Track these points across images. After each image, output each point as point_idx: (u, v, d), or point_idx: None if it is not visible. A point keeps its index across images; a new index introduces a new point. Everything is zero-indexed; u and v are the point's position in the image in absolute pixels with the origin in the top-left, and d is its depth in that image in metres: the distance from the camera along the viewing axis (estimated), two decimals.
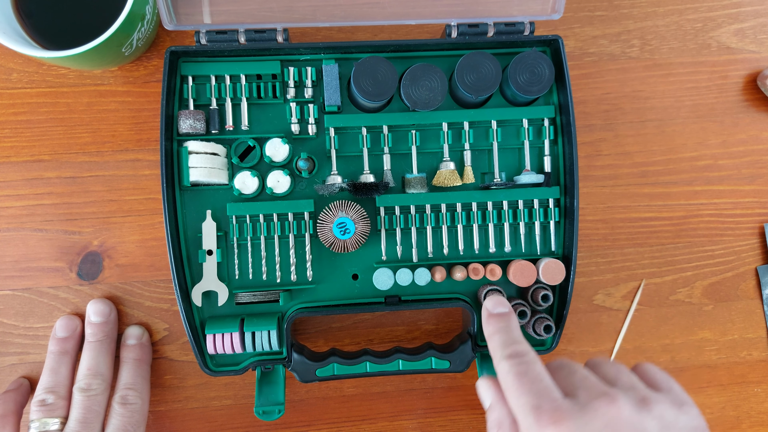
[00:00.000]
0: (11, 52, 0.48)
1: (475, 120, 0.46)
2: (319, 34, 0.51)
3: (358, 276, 0.47)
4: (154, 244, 0.49)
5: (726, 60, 0.53)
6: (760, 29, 0.53)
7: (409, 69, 0.44)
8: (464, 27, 0.45)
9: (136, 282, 0.49)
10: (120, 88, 0.49)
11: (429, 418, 0.51)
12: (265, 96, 0.46)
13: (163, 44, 0.50)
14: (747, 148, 0.53)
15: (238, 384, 0.50)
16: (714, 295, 0.53)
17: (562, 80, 0.46)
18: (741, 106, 0.53)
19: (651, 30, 0.53)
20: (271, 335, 0.44)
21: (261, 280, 0.46)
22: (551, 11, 0.44)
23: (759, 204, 0.53)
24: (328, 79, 0.45)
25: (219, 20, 0.43)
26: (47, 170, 0.49)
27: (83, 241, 0.49)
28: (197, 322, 0.45)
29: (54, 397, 0.43)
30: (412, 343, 0.51)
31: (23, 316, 0.49)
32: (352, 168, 0.47)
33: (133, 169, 0.49)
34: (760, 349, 0.53)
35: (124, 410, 0.43)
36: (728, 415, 0.53)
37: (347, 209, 0.44)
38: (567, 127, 0.46)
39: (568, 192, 0.46)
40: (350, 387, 0.51)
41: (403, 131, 0.47)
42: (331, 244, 0.44)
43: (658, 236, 0.52)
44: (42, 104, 0.49)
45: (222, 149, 0.45)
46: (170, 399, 0.50)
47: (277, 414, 0.45)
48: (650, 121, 0.53)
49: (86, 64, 0.45)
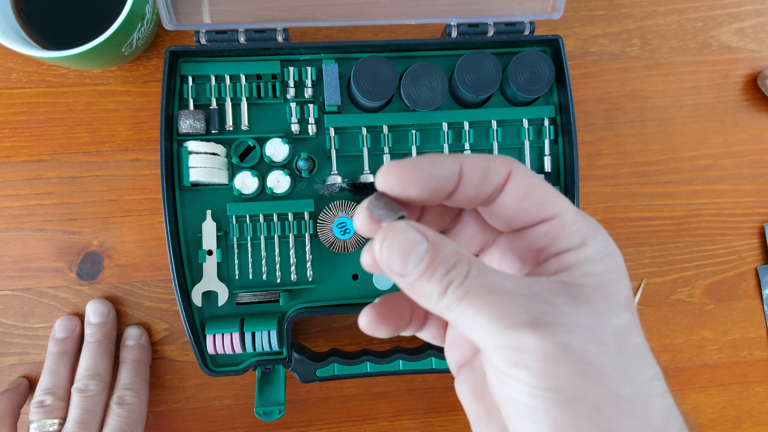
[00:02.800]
0: (11, 52, 0.48)
1: (475, 120, 0.46)
2: (319, 33, 0.51)
3: (358, 276, 0.47)
4: (154, 244, 0.49)
5: (726, 59, 0.53)
6: (760, 28, 0.53)
7: (409, 69, 0.44)
8: (464, 27, 0.45)
9: (136, 282, 0.49)
10: (120, 87, 0.49)
11: (429, 418, 0.51)
12: (265, 96, 0.46)
13: (162, 44, 0.50)
14: (748, 148, 0.53)
15: (238, 384, 0.50)
16: (715, 294, 0.53)
17: (563, 80, 0.46)
18: (742, 106, 0.53)
19: (651, 29, 0.53)
20: (271, 335, 0.44)
21: (261, 280, 0.46)
22: (551, 11, 0.44)
23: (760, 203, 0.53)
24: (328, 79, 0.45)
25: (219, 20, 0.43)
26: (47, 170, 0.49)
27: (83, 241, 0.49)
28: (197, 322, 0.45)
29: (52, 398, 0.43)
30: (412, 343, 0.51)
31: (23, 316, 0.49)
32: (352, 168, 0.47)
33: (133, 169, 0.49)
34: (761, 349, 0.53)
35: (122, 410, 0.43)
36: (729, 415, 0.53)
37: (347, 209, 0.44)
38: (567, 126, 0.46)
39: (569, 191, 0.46)
40: (350, 387, 0.51)
41: (403, 131, 0.47)
42: (331, 244, 0.44)
43: (659, 236, 0.52)
44: (42, 104, 0.49)
45: (222, 149, 0.45)
46: (170, 399, 0.50)
47: (278, 414, 0.45)
48: (651, 120, 0.52)
49: (86, 64, 0.44)
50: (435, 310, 0.22)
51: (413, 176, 0.22)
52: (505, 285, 0.21)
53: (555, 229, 0.23)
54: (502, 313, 0.20)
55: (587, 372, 0.20)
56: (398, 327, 0.26)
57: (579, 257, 0.23)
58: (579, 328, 0.20)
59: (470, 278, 0.21)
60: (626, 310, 0.22)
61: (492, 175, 0.23)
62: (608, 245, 0.23)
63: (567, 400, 0.20)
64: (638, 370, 0.21)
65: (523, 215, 0.23)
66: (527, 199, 0.23)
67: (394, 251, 0.21)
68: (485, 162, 0.23)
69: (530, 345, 0.20)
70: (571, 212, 0.23)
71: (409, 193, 0.22)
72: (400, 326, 0.26)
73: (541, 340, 0.20)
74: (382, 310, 0.25)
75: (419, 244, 0.21)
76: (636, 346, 0.22)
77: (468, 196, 0.23)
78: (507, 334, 0.20)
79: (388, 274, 0.22)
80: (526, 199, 0.23)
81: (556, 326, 0.20)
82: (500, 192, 0.23)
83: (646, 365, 0.22)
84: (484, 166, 0.23)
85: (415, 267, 0.21)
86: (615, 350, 0.21)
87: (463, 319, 0.21)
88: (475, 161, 0.23)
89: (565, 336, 0.20)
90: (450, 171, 0.22)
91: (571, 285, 0.22)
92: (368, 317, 0.25)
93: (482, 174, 0.23)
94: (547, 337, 0.20)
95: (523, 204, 0.23)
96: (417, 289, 0.21)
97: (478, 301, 0.20)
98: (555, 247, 0.23)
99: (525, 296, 0.21)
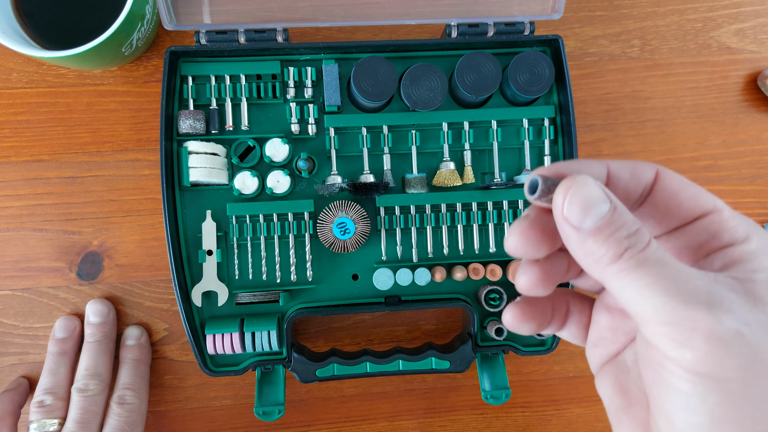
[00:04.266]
0: (11, 52, 0.48)
1: (475, 120, 0.46)
2: (319, 34, 0.51)
3: (358, 276, 0.47)
4: (154, 244, 0.49)
5: (726, 60, 0.53)
6: (760, 29, 0.53)
7: (409, 69, 0.44)
8: (464, 27, 0.45)
9: (136, 282, 0.49)
10: (120, 88, 0.49)
11: (429, 418, 0.51)
12: (265, 96, 0.46)
13: (163, 44, 0.50)
14: (747, 148, 0.53)
15: (238, 384, 0.50)
16: None
17: (562, 80, 0.46)
18: (741, 106, 0.53)
19: (651, 30, 0.53)
20: (271, 335, 0.44)
21: (261, 280, 0.46)
22: (551, 11, 0.44)
23: (759, 204, 0.53)
24: (328, 79, 0.45)
25: (219, 20, 0.43)
26: (47, 170, 0.49)
27: (83, 241, 0.49)
28: (197, 322, 0.45)
29: (53, 398, 0.43)
30: (412, 343, 0.51)
31: (23, 316, 0.49)
32: (352, 168, 0.47)
33: (133, 169, 0.49)
34: None
35: (122, 410, 0.43)
36: None
37: (347, 209, 0.44)
38: (567, 127, 0.46)
39: None
40: (350, 387, 0.51)
41: (403, 131, 0.47)
42: (331, 244, 0.44)
43: None
44: (42, 104, 0.49)
45: (222, 149, 0.45)
46: (170, 399, 0.50)
47: (277, 414, 0.45)
48: (650, 121, 0.52)
49: (86, 64, 0.44)
50: (599, 274, 0.21)
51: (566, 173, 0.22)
52: (683, 266, 0.20)
53: (715, 223, 0.23)
54: (678, 289, 0.19)
55: (758, 367, 0.19)
56: (541, 324, 0.26)
57: (746, 251, 0.22)
58: (756, 323, 0.20)
59: (650, 248, 0.20)
60: None
61: (639, 175, 0.23)
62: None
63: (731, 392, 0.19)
64: None
65: (679, 212, 0.23)
66: (680, 194, 0.23)
67: (577, 201, 0.20)
68: (631, 164, 0.23)
69: (704, 325, 0.19)
70: (727, 208, 0.23)
71: None
72: (542, 324, 0.26)
73: (717, 323, 0.19)
74: (526, 307, 0.25)
75: (603, 202, 0.21)
76: None
77: (619, 196, 0.23)
78: (681, 309, 0.19)
79: (561, 225, 0.21)
80: (679, 195, 0.23)
81: (735, 314, 0.19)
82: (650, 192, 0.23)
83: None
84: (630, 167, 0.23)
85: (595, 222, 0.20)
86: None
87: (632, 289, 0.20)
88: (621, 163, 0.23)
89: (741, 325, 0.19)
90: (597, 171, 0.23)
91: (744, 281, 0.21)
92: (513, 314, 0.25)
93: (630, 174, 0.23)
94: (724, 321, 0.19)
95: (677, 200, 0.23)
96: (589, 247, 0.21)
97: (656, 271, 0.20)
98: (718, 242, 0.23)
99: (703, 279, 0.20)
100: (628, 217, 0.21)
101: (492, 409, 0.52)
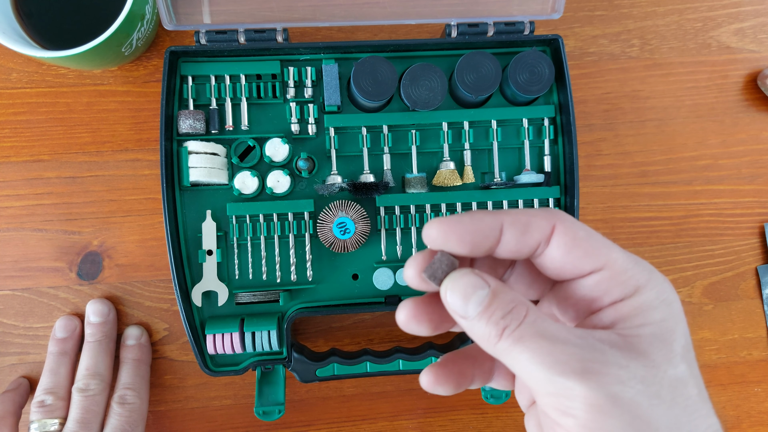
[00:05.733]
0: (11, 52, 0.48)
1: (475, 120, 0.46)
2: (319, 33, 0.51)
3: (358, 276, 0.47)
4: (154, 244, 0.49)
5: (726, 59, 0.53)
6: (760, 29, 0.53)
7: (409, 69, 0.44)
8: (464, 27, 0.45)
9: (136, 282, 0.49)
10: (120, 88, 0.49)
11: (429, 418, 0.51)
12: (265, 96, 0.46)
13: (162, 44, 0.50)
14: (747, 148, 0.53)
15: (238, 384, 0.50)
16: (714, 294, 0.53)
17: (562, 80, 0.46)
18: (741, 106, 0.53)
19: (651, 29, 0.53)
20: (271, 335, 0.44)
21: (261, 280, 0.46)
22: (551, 11, 0.44)
23: (759, 204, 0.53)
24: (328, 79, 0.45)
25: (219, 20, 0.43)
26: (47, 170, 0.49)
27: (83, 241, 0.49)
28: (197, 322, 0.45)
29: (53, 398, 0.43)
30: (412, 342, 0.51)
31: (23, 316, 0.49)
32: (352, 168, 0.47)
33: (133, 169, 0.49)
34: (760, 349, 0.53)
35: (122, 410, 0.43)
36: (728, 415, 0.53)
37: (347, 209, 0.44)
38: (567, 126, 0.46)
39: (568, 192, 0.46)
40: (350, 387, 0.51)
41: (403, 131, 0.47)
42: (331, 244, 0.44)
43: (658, 236, 0.52)
44: (42, 104, 0.49)
45: (222, 149, 0.45)
46: (170, 399, 0.50)
47: (277, 414, 0.45)
48: (650, 120, 0.53)
49: (86, 64, 0.44)
50: (492, 352, 0.22)
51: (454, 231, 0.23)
52: (560, 333, 0.21)
53: (605, 279, 0.23)
54: (553, 360, 0.20)
55: (636, 426, 0.20)
56: (459, 385, 0.27)
57: (634, 306, 0.23)
58: (632, 380, 0.21)
59: (525, 324, 0.21)
60: (683, 359, 0.22)
61: (533, 230, 0.24)
62: (664, 290, 0.23)
63: None
64: (692, 423, 0.21)
65: (571, 268, 0.24)
66: (573, 251, 0.23)
67: (458, 293, 0.23)
68: (526, 218, 0.24)
69: (578, 394, 0.20)
70: (621, 260, 0.23)
71: (451, 247, 0.23)
72: (462, 383, 0.27)
73: (590, 390, 0.20)
74: (441, 371, 0.26)
75: (481, 288, 0.22)
76: (691, 398, 0.22)
77: (511, 249, 0.24)
78: (556, 380, 0.20)
79: (452, 315, 0.23)
80: (571, 252, 0.23)
81: (608, 377, 0.20)
82: (546, 245, 0.24)
83: (701, 417, 0.21)
84: (524, 221, 0.24)
85: (475, 309, 0.22)
86: (668, 403, 0.21)
87: (517, 363, 0.21)
88: (515, 217, 0.24)
89: (616, 387, 0.20)
90: (489, 227, 0.23)
91: (628, 337, 0.22)
92: (428, 379, 0.26)
93: (522, 229, 0.24)
94: (597, 388, 0.20)
95: (570, 257, 0.24)
96: (476, 331, 0.22)
97: (531, 346, 0.21)
98: (608, 298, 0.23)
99: (578, 345, 0.21)
100: (506, 296, 0.22)
101: (492, 409, 0.52)
